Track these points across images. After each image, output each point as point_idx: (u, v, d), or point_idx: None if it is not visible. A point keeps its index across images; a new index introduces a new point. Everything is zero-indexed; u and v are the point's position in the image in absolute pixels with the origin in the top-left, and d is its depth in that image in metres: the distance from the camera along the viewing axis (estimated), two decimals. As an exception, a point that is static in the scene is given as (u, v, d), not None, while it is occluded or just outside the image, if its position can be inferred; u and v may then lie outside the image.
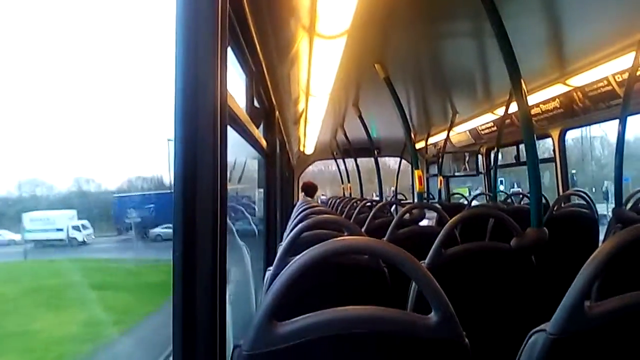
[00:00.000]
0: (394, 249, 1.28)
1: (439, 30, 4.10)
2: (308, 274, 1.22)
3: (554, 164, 6.19)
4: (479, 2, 3.04)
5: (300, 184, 11.70)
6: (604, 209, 8.60)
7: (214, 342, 1.21)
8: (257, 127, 3.25)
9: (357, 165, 11.24)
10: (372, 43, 4.26)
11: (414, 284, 1.53)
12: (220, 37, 1.22)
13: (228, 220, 1.38)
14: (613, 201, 4.25)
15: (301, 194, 10.89)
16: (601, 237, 4.59)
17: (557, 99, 5.55)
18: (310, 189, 10.88)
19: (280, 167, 4.44)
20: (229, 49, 1.45)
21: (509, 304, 2.50)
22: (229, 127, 1.37)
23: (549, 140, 6.30)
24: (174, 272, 1.18)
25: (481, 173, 9.13)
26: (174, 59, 1.17)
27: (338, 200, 8.82)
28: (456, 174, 9.59)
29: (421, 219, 5.10)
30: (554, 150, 6.11)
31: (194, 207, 1.17)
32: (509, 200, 7.57)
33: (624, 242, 1.27)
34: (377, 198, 9.57)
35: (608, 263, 1.25)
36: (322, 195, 14.88)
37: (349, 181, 12.72)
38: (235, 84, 2.80)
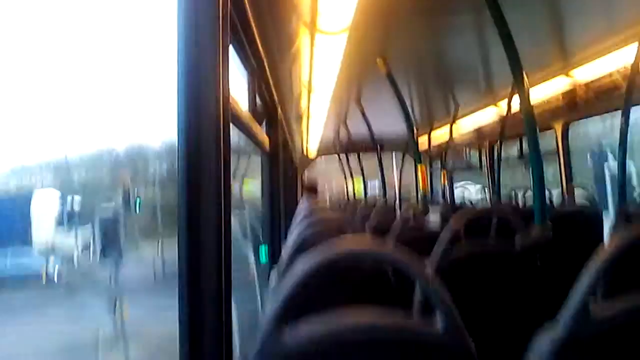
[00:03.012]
0: (397, 253, 1.28)
1: (440, 24, 4.09)
2: (312, 278, 1.22)
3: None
4: None
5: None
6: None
7: (221, 346, 1.21)
8: (260, 125, 3.24)
9: (361, 162, 11.23)
10: (373, 39, 4.24)
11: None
12: (222, 36, 1.21)
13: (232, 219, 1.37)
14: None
15: (305, 193, 10.90)
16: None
17: (559, 92, 5.52)
18: (312, 188, 10.92)
19: (283, 166, 4.42)
20: (230, 47, 1.45)
21: (514, 304, 2.49)
22: (231, 126, 1.37)
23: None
24: (179, 274, 1.17)
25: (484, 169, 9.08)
26: (175, 60, 1.17)
27: (342, 201, 8.82)
28: (459, 168, 9.55)
29: (425, 217, 5.09)
30: (556, 144, 6.05)
31: (198, 207, 1.17)
32: (513, 196, 7.53)
33: (627, 241, 1.25)
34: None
35: (612, 262, 1.24)
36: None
37: (352, 178, 12.69)
38: (238, 81, 2.79)
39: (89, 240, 19.55)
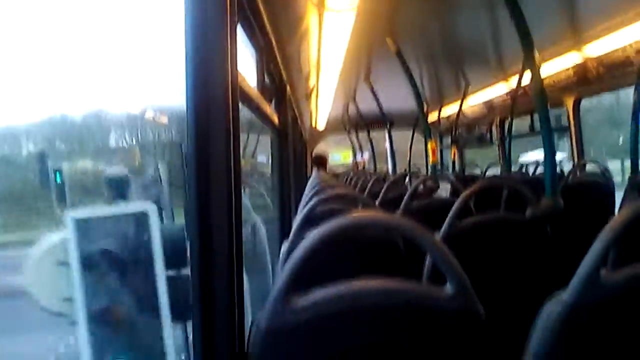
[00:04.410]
0: (407, 223, 1.28)
1: (449, 1, 4.05)
2: (323, 248, 1.24)
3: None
4: None
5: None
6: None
7: (233, 317, 1.24)
8: (269, 103, 3.25)
9: (370, 139, 11.20)
10: (382, 16, 4.21)
11: (429, 256, 1.55)
12: (230, 14, 1.22)
13: (243, 195, 1.39)
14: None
15: (314, 168, 10.92)
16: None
17: (571, 68, 5.47)
18: (321, 161, 10.94)
19: (292, 143, 4.43)
20: (238, 26, 1.45)
21: (524, 274, 2.50)
22: (240, 104, 1.38)
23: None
24: (190, 249, 1.19)
25: (495, 143, 9.04)
26: (183, 38, 1.18)
27: (352, 174, 8.82)
28: (470, 144, 9.52)
29: (435, 191, 5.09)
30: (568, 120, 6.02)
31: (208, 184, 1.18)
32: (524, 171, 7.51)
33: (639, 211, 1.25)
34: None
35: (624, 231, 1.24)
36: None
37: (362, 154, 12.68)
38: (246, 59, 2.79)
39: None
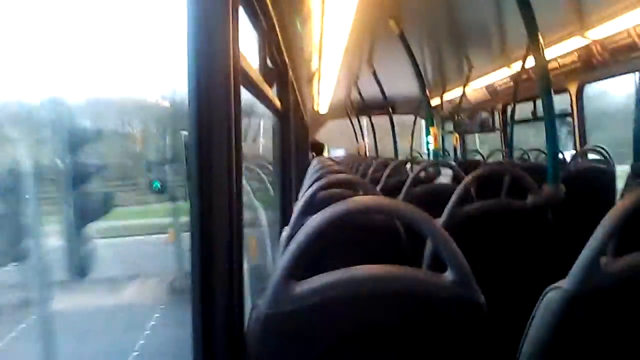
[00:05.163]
0: (409, 208, 1.28)
1: None
2: (323, 234, 1.23)
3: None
4: None
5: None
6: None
7: (232, 301, 1.24)
8: (271, 87, 3.23)
9: (372, 124, 11.18)
10: None
11: (429, 242, 1.54)
12: None
13: (244, 181, 1.39)
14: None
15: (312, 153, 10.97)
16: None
17: (575, 53, 5.43)
18: (317, 147, 11.02)
19: (294, 127, 4.41)
20: (240, 8, 1.44)
21: (525, 261, 2.50)
22: (242, 88, 1.37)
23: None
24: (191, 233, 1.19)
25: (497, 129, 9.01)
26: (185, 21, 1.16)
27: (353, 159, 8.81)
28: (472, 130, 9.49)
29: (437, 178, 5.08)
30: (571, 106, 5.99)
31: (210, 168, 1.18)
32: (526, 157, 7.49)
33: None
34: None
35: (625, 219, 1.24)
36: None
37: (363, 139, 12.66)
38: (248, 43, 2.77)
39: None
